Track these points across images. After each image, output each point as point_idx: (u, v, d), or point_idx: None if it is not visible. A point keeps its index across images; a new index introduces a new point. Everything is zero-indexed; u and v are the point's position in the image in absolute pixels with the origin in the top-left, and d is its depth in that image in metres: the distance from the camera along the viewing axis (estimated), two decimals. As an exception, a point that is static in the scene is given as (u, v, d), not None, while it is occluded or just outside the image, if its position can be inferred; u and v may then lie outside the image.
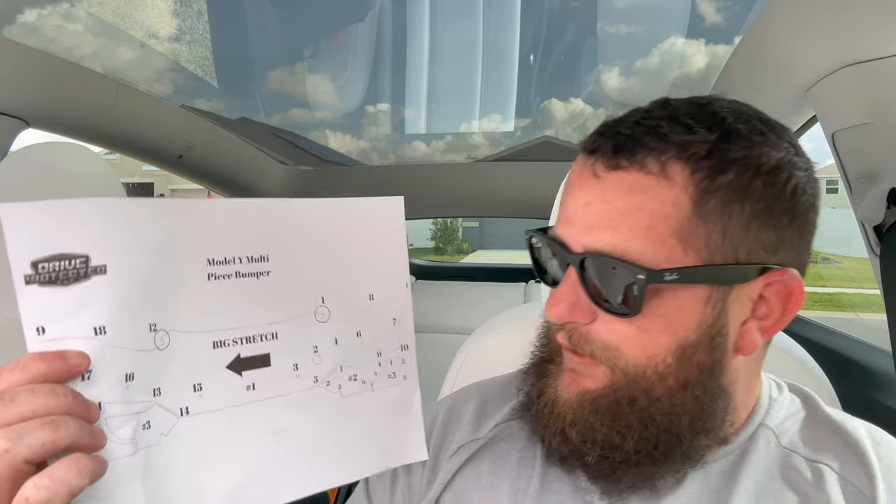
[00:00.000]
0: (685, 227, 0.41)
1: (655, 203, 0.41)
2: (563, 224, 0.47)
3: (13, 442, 0.28)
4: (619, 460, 0.44)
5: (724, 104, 0.45)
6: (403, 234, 0.45)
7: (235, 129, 1.72)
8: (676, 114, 0.43)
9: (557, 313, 0.45)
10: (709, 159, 0.41)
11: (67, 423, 0.30)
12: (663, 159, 0.42)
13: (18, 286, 0.30)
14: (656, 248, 0.41)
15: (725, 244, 0.42)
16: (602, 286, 0.43)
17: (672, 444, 0.44)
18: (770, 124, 0.45)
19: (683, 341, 0.43)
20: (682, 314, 0.43)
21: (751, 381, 0.49)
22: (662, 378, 0.43)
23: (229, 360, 0.38)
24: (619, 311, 0.43)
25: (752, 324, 0.45)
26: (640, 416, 0.44)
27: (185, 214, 0.36)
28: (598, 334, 0.45)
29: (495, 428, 0.56)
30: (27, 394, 0.29)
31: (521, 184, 1.84)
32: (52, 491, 0.29)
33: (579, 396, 0.46)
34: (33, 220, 0.31)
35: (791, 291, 0.44)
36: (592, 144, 0.46)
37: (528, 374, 0.52)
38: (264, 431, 0.40)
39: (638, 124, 0.43)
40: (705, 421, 0.44)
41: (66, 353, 0.31)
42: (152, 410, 0.35)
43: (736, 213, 0.42)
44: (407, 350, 0.47)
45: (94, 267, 0.32)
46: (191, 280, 0.36)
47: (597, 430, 0.44)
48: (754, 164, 0.42)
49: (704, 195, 0.41)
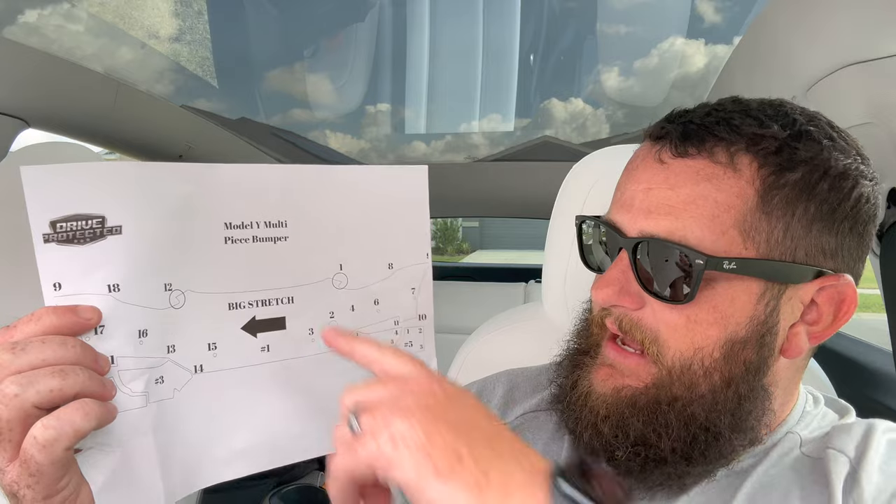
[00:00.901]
0: (748, 219, 0.41)
1: (720, 193, 0.41)
2: (619, 209, 0.46)
3: (23, 387, 0.30)
4: (652, 458, 0.44)
5: (796, 107, 0.45)
6: (426, 203, 0.45)
7: (235, 129, 1.72)
8: (748, 108, 0.43)
9: (605, 296, 0.44)
10: (778, 155, 0.41)
11: (77, 372, 0.31)
12: (733, 150, 0.42)
13: (37, 244, 0.32)
14: (717, 238, 0.41)
15: (786, 242, 0.42)
16: (655, 272, 0.43)
17: (710, 443, 0.43)
18: (839, 131, 0.44)
19: (733, 336, 0.42)
20: (734, 307, 0.42)
21: (790, 388, 0.48)
22: (708, 374, 0.43)
23: (244, 321, 0.39)
24: (670, 297, 0.42)
25: (800, 328, 0.44)
26: (680, 414, 0.43)
27: (203, 178, 0.37)
28: (647, 322, 0.44)
29: (522, 416, 0.56)
30: (38, 344, 0.31)
31: (521, 184, 1.84)
32: (58, 430, 0.30)
33: (615, 392, 0.45)
34: (53, 182, 0.32)
35: (844, 298, 0.43)
36: (660, 131, 0.45)
37: (562, 366, 0.52)
38: (278, 392, 0.41)
39: (709, 115, 0.43)
40: (746, 419, 0.43)
41: (78, 308, 0.32)
42: (166, 366, 0.36)
43: (799, 212, 0.41)
44: (425, 320, 0.47)
45: (111, 227, 0.33)
46: (208, 242, 0.37)
47: (631, 425, 0.44)
48: (822, 166, 0.41)
49: (770, 190, 0.41)
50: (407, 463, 0.28)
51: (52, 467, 0.31)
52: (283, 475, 1.68)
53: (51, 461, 0.30)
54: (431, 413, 0.29)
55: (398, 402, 0.30)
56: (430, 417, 0.29)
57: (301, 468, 1.76)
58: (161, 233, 0.35)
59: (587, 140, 1.74)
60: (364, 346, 0.36)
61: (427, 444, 0.28)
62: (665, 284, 0.42)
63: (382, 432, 0.29)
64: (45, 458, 0.30)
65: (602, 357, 0.47)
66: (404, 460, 0.28)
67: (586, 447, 0.47)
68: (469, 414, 0.31)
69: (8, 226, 0.83)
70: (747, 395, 0.43)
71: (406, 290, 0.45)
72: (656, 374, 0.44)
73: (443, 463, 0.27)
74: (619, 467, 0.46)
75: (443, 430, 0.29)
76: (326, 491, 0.36)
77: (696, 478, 0.45)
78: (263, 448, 0.41)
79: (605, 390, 0.46)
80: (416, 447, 0.28)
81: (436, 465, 0.27)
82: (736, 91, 0.50)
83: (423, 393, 0.31)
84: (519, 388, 0.60)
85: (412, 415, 0.29)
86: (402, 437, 0.28)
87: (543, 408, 0.56)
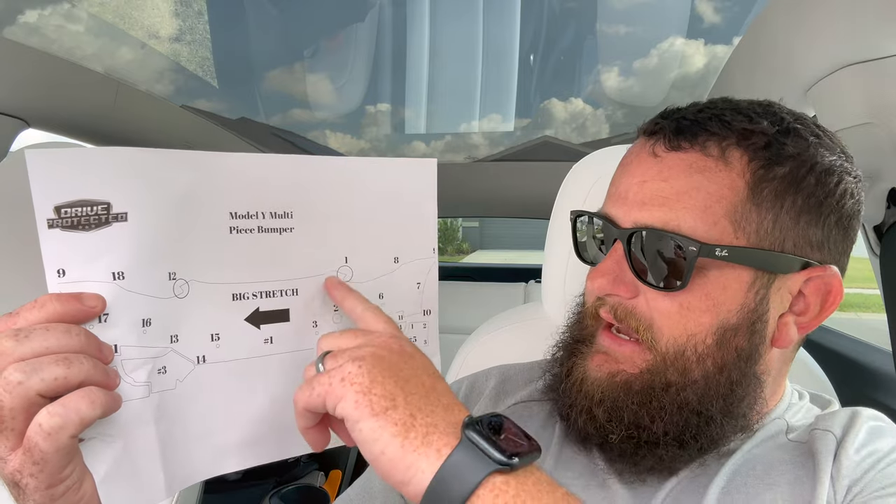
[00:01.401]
0: (739, 210, 0.43)
1: (712, 184, 0.43)
2: (614, 202, 0.47)
3: (27, 375, 0.30)
4: (645, 440, 0.45)
5: (784, 107, 0.47)
6: (434, 197, 0.45)
7: (235, 129, 1.72)
8: (739, 106, 0.45)
9: (600, 285, 0.46)
10: (767, 150, 0.43)
11: (81, 360, 0.31)
12: (724, 144, 0.44)
13: (42, 229, 0.31)
14: (709, 227, 0.43)
15: (775, 233, 0.43)
16: (649, 261, 0.44)
17: (702, 427, 0.44)
18: (825, 131, 0.46)
19: (725, 323, 0.44)
20: (725, 295, 0.43)
21: (778, 379, 0.50)
22: (701, 359, 0.44)
23: (248, 312, 0.39)
24: (664, 285, 0.44)
25: (789, 318, 0.45)
26: (673, 399, 0.44)
27: (209, 167, 0.36)
28: (641, 310, 0.45)
29: (513, 406, 0.57)
30: (42, 331, 0.31)
31: (521, 184, 1.84)
32: (64, 418, 0.30)
33: (610, 377, 0.46)
34: (58, 167, 0.31)
35: (830, 289, 0.45)
36: (654, 127, 0.47)
37: (556, 356, 0.53)
38: (281, 384, 0.41)
39: (701, 112, 0.45)
40: (738, 405, 0.45)
41: (82, 295, 0.32)
42: (168, 356, 0.36)
43: (788, 204, 0.43)
44: (429, 315, 0.47)
45: (116, 214, 0.33)
46: (212, 232, 0.37)
47: (626, 409, 0.45)
48: (809, 161, 0.43)
49: (760, 182, 0.43)
50: (350, 399, 0.32)
51: (56, 455, 0.31)
52: (284, 475, 1.68)
53: (55, 449, 0.30)
54: (382, 363, 0.34)
55: (357, 351, 0.35)
56: (379, 367, 0.33)
57: (301, 468, 1.76)
58: (166, 221, 0.35)
59: (587, 140, 1.74)
60: (352, 300, 0.40)
61: (370, 386, 0.32)
62: (659, 273, 0.44)
63: (336, 373, 0.33)
64: (50, 445, 0.30)
65: (597, 345, 0.48)
66: (348, 397, 0.32)
67: (580, 432, 0.48)
68: (415, 370, 0.35)
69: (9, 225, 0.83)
70: (739, 381, 0.44)
71: (411, 285, 0.45)
72: (651, 360, 0.45)
73: (379, 404, 0.32)
74: (612, 450, 0.47)
75: (386, 378, 0.33)
76: (326, 491, 0.36)
77: (687, 462, 0.46)
78: (265, 441, 0.40)
79: (600, 375, 0.47)
80: (360, 388, 0.32)
81: (372, 404, 0.32)
82: (736, 91, 0.51)
83: (381, 346, 0.35)
84: (511, 381, 0.61)
85: (365, 362, 0.33)
86: (350, 378, 0.33)
87: (536, 398, 0.57)
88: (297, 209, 0.39)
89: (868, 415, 0.48)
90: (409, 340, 0.38)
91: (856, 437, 0.44)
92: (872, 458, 0.43)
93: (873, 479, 0.42)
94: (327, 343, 0.37)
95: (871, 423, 0.46)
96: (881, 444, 0.44)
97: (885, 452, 0.44)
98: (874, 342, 1.08)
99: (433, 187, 0.45)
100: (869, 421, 0.47)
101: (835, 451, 0.44)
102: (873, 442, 0.45)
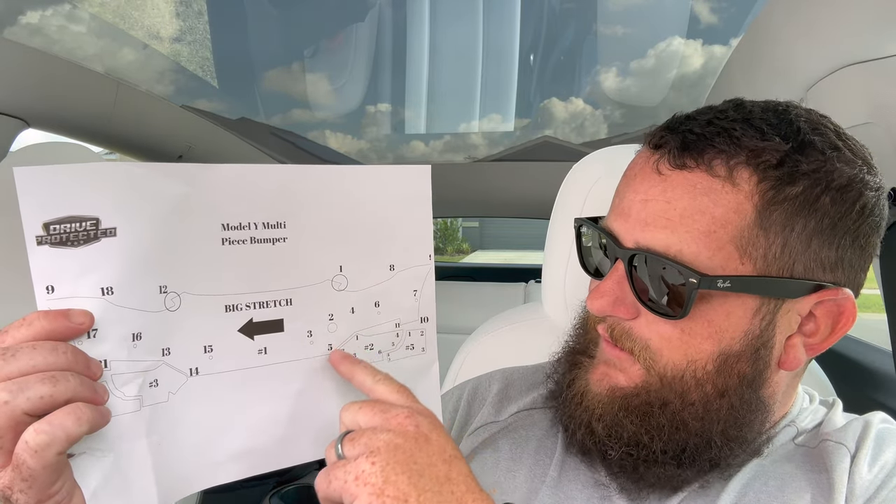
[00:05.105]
0: (745, 235, 0.40)
1: (717, 207, 0.40)
2: (616, 216, 0.46)
3: (13, 394, 0.30)
4: (644, 458, 0.44)
5: (801, 112, 0.43)
6: (429, 204, 0.44)
7: (235, 129, 1.73)
8: (751, 117, 0.42)
9: (599, 307, 0.44)
10: (779, 169, 0.40)
11: (67, 378, 0.31)
12: (732, 163, 0.41)
13: (30, 246, 0.31)
14: (712, 253, 0.40)
15: (783, 258, 0.41)
16: (650, 285, 0.42)
17: (701, 449, 0.43)
18: (845, 138, 0.43)
19: (727, 350, 0.42)
20: (729, 322, 0.42)
21: (788, 392, 0.48)
22: (700, 384, 0.43)
23: (241, 323, 0.38)
24: (664, 311, 0.42)
25: (797, 339, 0.44)
26: (671, 419, 0.43)
27: (200, 179, 0.36)
28: (639, 332, 0.44)
29: (516, 414, 0.57)
30: (29, 350, 0.31)
31: (520, 184, 1.83)
32: (50, 435, 0.30)
33: (610, 392, 0.45)
34: (46, 183, 0.31)
35: (842, 311, 0.43)
36: (659, 140, 0.44)
37: (559, 364, 0.52)
38: (275, 395, 0.40)
39: (710, 124, 0.42)
40: (739, 430, 0.43)
41: (70, 312, 0.32)
42: (160, 369, 0.36)
43: (799, 227, 0.40)
44: (427, 322, 0.46)
45: (105, 229, 0.33)
46: (204, 244, 0.36)
47: (625, 427, 0.44)
48: (825, 178, 0.40)
49: (769, 205, 0.40)
50: (363, 500, 0.32)
51: (44, 472, 0.31)
52: (284, 475, 1.68)
53: (43, 466, 0.30)
54: (396, 455, 0.34)
55: (373, 440, 0.35)
56: (393, 462, 0.34)
57: (301, 468, 1.76)
58: (156, 234, 0.34)
59: (587, 140, 1.74)
60: (361, 374, 0.40)
61: (382, 487, 0.33)
62: (660, 298, 0.42)
63: (352, 470, 0.34)
64: (38, 463, 0.30)
65: (599, 356, 0.48)
66: (362, 498, 0.33)
67: (579, 446, 0.47)
68: (430, 458, 0.35)
69: (9, 225, 0.83)
70: (740, 405, 0.43)
71: (408, 292, 0.45)
72: (645, 377, 0.44)
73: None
74: (612, 466, 0.46)
75: (399, 475, 0.33)
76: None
77: (688, 481, 0.45)
78: (259, 452, 0.40)
79: (600, 390, 0.46)
80: (373, 490, 0.33)
81: None
82: (736, 91, 0.50)
83: (397, 431, 0.35)
84: (514, 386, 0.60)
85: (379, 457, 0.34)
86: (364, 478, 0.33)
87: (539, 405, 0.56)
88: (290, 219, 0.39)
89: (879, 419, 0.47)
90: (425, 413, 0.38)
91: (868, 450, 0.44)
92: (884, 473, 0.42)
93: (886, 497, 0.41)
94: (347, 418, 0.38)
95: (880, 427, 0.45)
96: (889, 455, 0.43)
97: (894, 464, 0.43)
98: (874, 342, 1.08)
99: (428, 193, 0.44)
100: (878, 426, 0.46)
101: (849, 468, 0.43)
102: (883, 452, 0.44)
